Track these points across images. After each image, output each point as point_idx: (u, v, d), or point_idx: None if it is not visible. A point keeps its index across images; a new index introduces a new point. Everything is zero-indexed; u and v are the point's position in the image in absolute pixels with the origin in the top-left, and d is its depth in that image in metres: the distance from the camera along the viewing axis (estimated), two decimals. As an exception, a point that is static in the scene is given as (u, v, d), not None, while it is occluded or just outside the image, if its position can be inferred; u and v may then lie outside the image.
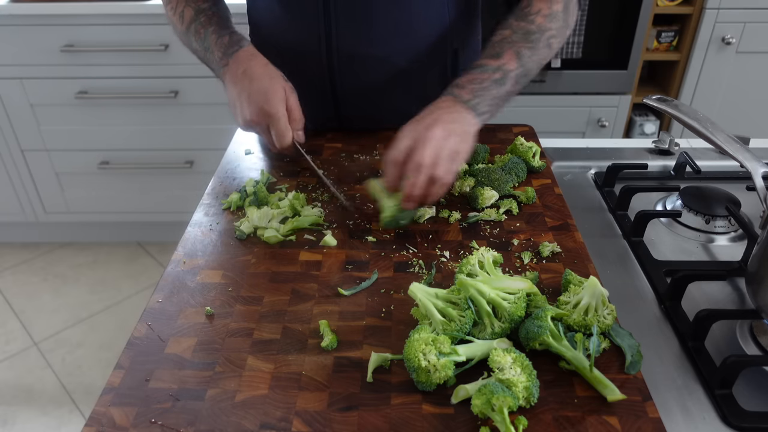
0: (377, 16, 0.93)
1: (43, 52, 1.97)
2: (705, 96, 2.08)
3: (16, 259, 2.38)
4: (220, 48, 0.91)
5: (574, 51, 1.94)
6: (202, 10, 0.95)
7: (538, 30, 0.87)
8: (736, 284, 0.76)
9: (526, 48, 0.86)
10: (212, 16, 0.95)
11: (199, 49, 0.95)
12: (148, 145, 2.15)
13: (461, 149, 0.78)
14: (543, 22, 0.87)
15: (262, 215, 0.80)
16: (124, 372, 0.59)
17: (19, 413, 1.76)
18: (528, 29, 0.87)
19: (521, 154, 0.92)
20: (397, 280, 0.71)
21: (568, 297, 0.64)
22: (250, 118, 0.86)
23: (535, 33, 0.87)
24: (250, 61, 0.88)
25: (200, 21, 0.95)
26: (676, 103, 0.83)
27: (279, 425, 0.54)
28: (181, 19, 0.97)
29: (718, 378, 0.60)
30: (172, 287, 0.70)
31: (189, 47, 0.99)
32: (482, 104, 0.82)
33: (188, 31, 0.96)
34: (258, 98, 0.85)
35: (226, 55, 0.90)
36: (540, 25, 0.87)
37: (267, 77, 0.86)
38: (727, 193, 0.87)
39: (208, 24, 0.94)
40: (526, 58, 0.86)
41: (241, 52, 0.90)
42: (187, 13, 0.96)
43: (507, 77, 0.84)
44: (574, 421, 0.53)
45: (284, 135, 0.86)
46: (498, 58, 0.85)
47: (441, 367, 0.55)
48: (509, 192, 0.86)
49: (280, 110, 0.85)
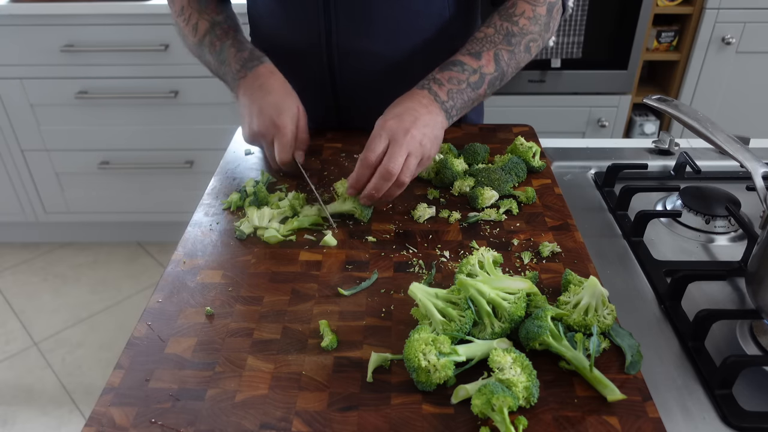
0: (377, 14, 0.93)
1: (43, 52, 1.97)
2: (705, 96, 2.08)
3: (16, 259, 2.38)
4: (239, 61, 0.90)
5: (574, 51, 1.94)
6: (217, 23, 0.95)
7: (519, 32, 0.88)
8: (736, 284, 0.76)
9: (506, 51, 0.87)
10: (228, 30, 0.95)
11: (213, 61, 0.95)
12: (148, 145, 2.16)
13: (431, 154, 0.80)
14: (526, 24, 0.88)
15: (261, 215, 0.80)
16: (124, 372, 0.59)
17: (19, 413, 1.76)
18: (510, 30, 0.87)
19: (521, 154, 0.92)
20: (397, 280, 0.71)
21: (568, 297, 0.64)
22: (257, 129, 0.86)
23: (517, 35, 0.87)
24: (270, 77, 0.88)
25: (216, 34, 0.94)
26: (676, 103, 0.83)
27: (279, 425, 0.54)
28: (194, 30, 0.96)
29: (718, 378, 0.60)
30: (172, 287, 0.70)
31: (200, 59, 0.99)
32: (455, 108, 0.84)
33: (201, 43, 0.95)
34: (270, 111, 0.85)
35: (245, 68, 0.90)
36: (523, 27, 0.88)
37: (282, 93, 0.87)
38: (727, 193, 0.87)
39: (225, 37, 0.93)
40: (503, 62, 0.87)
41: (262, 67, 0.89)
42: (201, 25, 0.95)
43: (483, 80, 0.85)
44: (574, 421, 0.53)
45: (287, 150, 0.86)
46: (478, 59, 0.85)
47: (441, 367, 0.55)
48: (509, 192, 0.86)
49: (289, 125, 0.85)
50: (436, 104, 0.82)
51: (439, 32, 0.99)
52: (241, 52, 0.91)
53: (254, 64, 0.90)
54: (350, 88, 1.01)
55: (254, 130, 0.86)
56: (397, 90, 1.02)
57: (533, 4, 0.89)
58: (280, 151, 0.85)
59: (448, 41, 1.00)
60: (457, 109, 0.84)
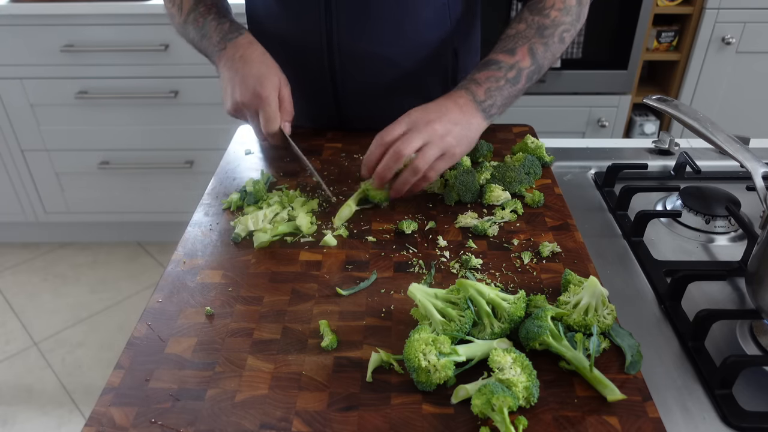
0: (379, 16, 0.93)
1: (43, 52, 1.97)
2: (705, 96, 2.08)
3: (16, 259, 2.38)
4: (218, 33, 0.91)
5: (574, 51, 1.94)
6: (201, 0, 0.96)
7: (552, 24, 0.87)
8: (736, 284, 0.76)
9: (540, 44, 0.86)
10: (211, 6, 0.95)
11: (196, 37, 0.95)
12: (148, 145, 2.16)
13: (455, 151, 0.79)
14: (557, 15, 0.88)
15: (256, 219, 0.79)
16: (124, 372, 0.59)
17: (19, 413, 1.76)
18: (542, 23, 0.87)
19: (533, 152, 0.92)
20: (397, 280, 0.71)
21: (568, 297, 0.64)
22: (240, 99, 0.85)
23: (549, 27, 0.87)
24: (249, 47, 0.88)
25: (199, 11, 0.95)
26: (676, 103, 0.83)
27: (279, 425, 0.54)
28: (179, 9, 0.97)
29: (718, 378, 0.60)
30: (172, 287, 0.70)
31: (186, 37, 0.99)
32: (494, 105, 0.83)
33: (186, 20, 0.96)
34: (251, 81, 0.84)
35: (224, 40, 0.90)
36: (554, 19, 0.87)
37: (263, 64, 0.86)
38: (727, 193, 0.87)
39: (207, 13, 0.94)
40: (539, 55, 0.86)
41: (241, 38, 0.90)
42: (186, 2, 0.96)
43: (521, 75, 0.85)
44: (574, 421, 0.53)
45: (273, 120, 0.85)
46: (513, 55, 0.85)
47: (441, 367, 0.55)
48: (521, 193, 0.85)
49: (271, 95, 0.84)
50: (474, 104, 0.82)
51: (440, 35, 0.99)
52: (222, 25, 0.92)
53: (234, 36, 0.90)
54: (351, 89, 1.01)
55: (237, 100, 0.86)
56: (398, 91, 1.02)
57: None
58: (266, 122, 0.85)
59: (449, 42, 1.01)
60: (498, 106, 0.84)
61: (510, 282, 0.70)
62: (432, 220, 0.81)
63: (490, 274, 0.71)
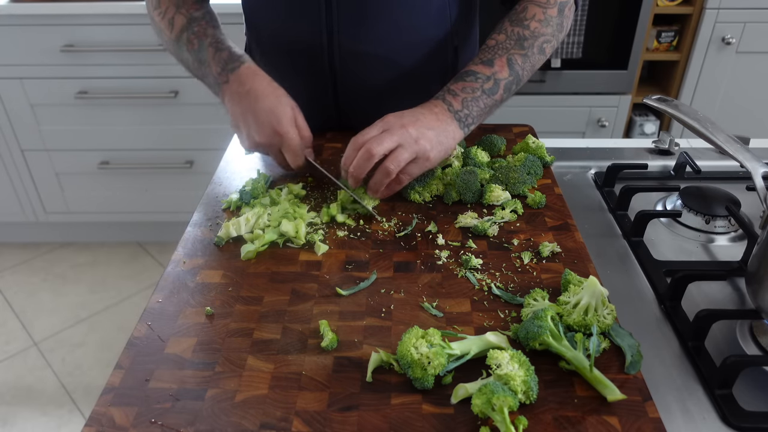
0: (380, 15, 0.93)
1: (43, 52, 1.97)
2: (705, 96, 2.08)
3: (16, 259, 2.38)
4: (218, 63, 0.88)
5: (574, 51, 1.94)
6: (195, 20, 0.93)
7: (531, 35, 0.88)
8: (736, 284, 0.76)
9: (519, 55, 0.87)
10: (206, 26, 0.92)
11: (192, 60, 0.92)
12: (148, 145, 2.16)
13: (429, 155, 0.80)
14: (538, 27, 0.88)
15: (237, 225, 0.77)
16: (124, 372, 0.59)
17: (19, 413, 1.76)
18: (522, 34, 0.87)
19: (534, 151, 0.92)
20: (397, 280, 0.71)
21: (568, 297, 0.64)
22: (259, 140, 0.84)
23: (529, 39, 0.87)
24: (254, 79, 0.86)
25: (193, 31, 0.92)
26: (676, 103, 0.83)
27: (279, 425, 0.54)
28: (170, 26, 0.94)
29: (718, 378, 0.60)
30: (172, 287, 0.70)
31: (177, 57, 0.97)
32: (470, 116, 0.84)
33: (179, 39, 0.93)
34: (267, 118, 0.83)
35: (226, 71, 0.88)
36: (534, 30, 0.88)
37: (273, 96, 0.84)
38: (727, 193, 0.87)
39: (203, 35, 0.91)
40: (518, 66, 0.87)
41: (243, 68, 0.87)
42: (177, 20, 0.93)
43: (498, 86, 0.86)
44: (574, 421, 0.53)
45: (298, 155, 0.85)
46: (490, 66, 0.86)
47: (433, 355, 0.55)
48: (523, 193, 0.85)
49: (291, 131, 0.83)
50: (449, 114, 0.83)
51: (441, 34, 0.99)
52: (220, 52, 0.89)
53: (235, 66, 0.87)
54: (351, 90, 1.01)
55: (257, 141, 0.85)
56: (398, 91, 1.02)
57: (544, 7, 0.89)
58: (292, 158, 0.85)
59: (450, 43, 1.01)
60: (474, 117, 0.85)
61: (510, 282, 0.70)
62: (432, 220, 0.81)
63: (490, 274, 0.71)
